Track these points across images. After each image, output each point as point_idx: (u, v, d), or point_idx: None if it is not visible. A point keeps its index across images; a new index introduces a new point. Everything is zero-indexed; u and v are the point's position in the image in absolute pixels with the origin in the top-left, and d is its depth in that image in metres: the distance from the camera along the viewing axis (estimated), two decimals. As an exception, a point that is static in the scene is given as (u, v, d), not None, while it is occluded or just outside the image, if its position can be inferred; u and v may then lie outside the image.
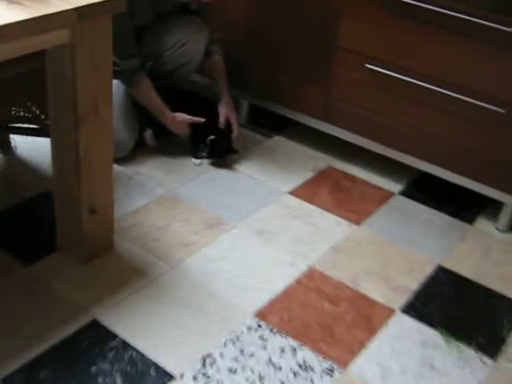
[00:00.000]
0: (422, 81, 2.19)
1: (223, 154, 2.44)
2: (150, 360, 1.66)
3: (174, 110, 2.40)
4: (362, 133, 2.44)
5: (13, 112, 2.02)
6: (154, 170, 2.41)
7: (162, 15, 2.37)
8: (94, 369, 1.62)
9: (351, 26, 2.29)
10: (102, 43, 1.69)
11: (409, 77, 2.21)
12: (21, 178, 2.33)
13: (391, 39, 2.21)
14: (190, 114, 2.41)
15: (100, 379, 1.60)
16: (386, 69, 2.25)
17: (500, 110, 2.05)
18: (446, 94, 2.14)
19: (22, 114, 2.05)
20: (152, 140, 2.55)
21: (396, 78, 2.24)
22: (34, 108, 2.00)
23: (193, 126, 2.43)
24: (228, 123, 2.47)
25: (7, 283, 1.85)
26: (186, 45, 2.40)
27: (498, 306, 1.93)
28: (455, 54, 2.10)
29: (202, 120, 2.41)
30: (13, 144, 2.42)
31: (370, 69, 2.28)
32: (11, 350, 1.63)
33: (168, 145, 2.57)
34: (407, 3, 2.11)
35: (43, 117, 1.96)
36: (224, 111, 2.46)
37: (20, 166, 2.37)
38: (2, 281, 1.85)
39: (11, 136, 2.39)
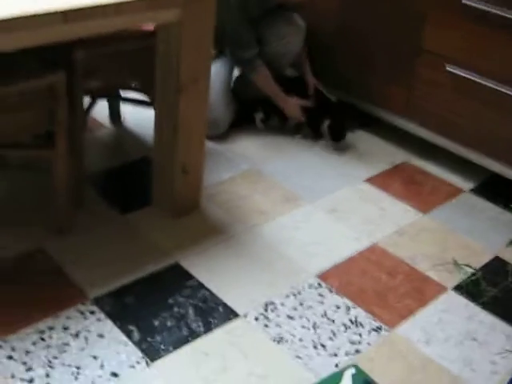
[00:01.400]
0: (498, 84, 2.33)
1: (341, 136, 2.67)
2: (220, 299, 1.89)
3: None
4: (440, 131, 2.59)
5: (126, 81, 2.32)
6: (244, 148, 2.66)
7: (267, 11, 2.63)
8: (171, 300, 1.87)
9: (435, 30, 2.46)
10: (205, 24, 1.95)
11: (485, 80, 2.35)
12: (125, 144, 2.64)
13: (470, 43, 2.36)
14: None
15: (175, 309, 1.85)
16: (464, 71, 2.40)
17: None
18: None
19: (133, 84, 2.34)
20: (260, 123, 2.79)
21: (473, 80, 2.38)
22: (142, 80, 2.30)
23: (307, 111, 2.68)
24: (335, 108, 2.69)
25: (106, 226, 2.14)
26: (287, 37, 2.65)
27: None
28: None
29: (311, 104, 2.64)
30: (122, 116, 2.73)
31: (450, 71, 2.44)
32: (104, 277, 1.91)
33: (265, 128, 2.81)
34: (486, 11, 2.27)
35: (149, 88, 2.26)
36: (311, 83, 2.71)
37: (125, 135, 2.69)
38: (102, 224, 2.14)
39: (121, 109, 2.71)
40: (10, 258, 1.95)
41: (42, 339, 1.71)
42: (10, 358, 1.65)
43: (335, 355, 1.76)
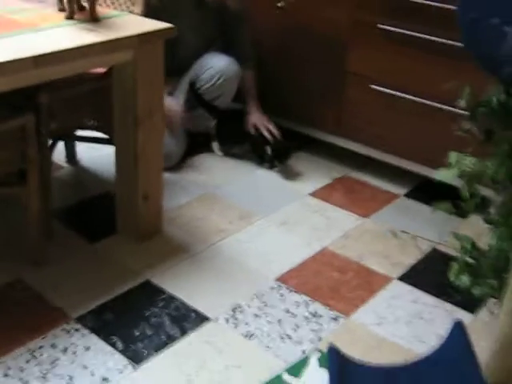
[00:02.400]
0: (416, 97, 2.62)
1: (284, 158, 2.93)
2: (191, 307, 2.09)
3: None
4: (371, 144, 2.87)
5: (83, 121, 2.52)
6: (197, 176, 2.88)
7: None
8: (146, 312, 2.06)
9: (357, 53, 2.76)
10: (156, 61, 2.18)
11: (405, 94, 2.65)
12: (84, 181, 2.82)
13: (388, 63, 2.66)
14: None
15: (151, 319, 2.03)
16: (386, 88, 2.69)
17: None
18: (434, 106, 2.57)
19: (90, 123, 2.54)
20: (219, 151, 3.03)
21: (395, 95, 2.68)
22: (98, 118, 2.50)
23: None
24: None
25: (78, 255, 2.31)
26: (222, 78, 2.90)
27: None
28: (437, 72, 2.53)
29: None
30: (77, 155, 2.92)
31: (374, 89, 2.73)
32: (83, 300, 2.08)
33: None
34: (400, 33, 2.58)
35: (106, 126, 2.46)
36: (252, 121, 2.94)
37: (82, 173, 2.87)
38: (74, 253, 2.32)
39: (76, 149, 2.90)
40: (-7, 289, 2.09)
41: (34, 357, 1.86)
42: (7, 375, 1.79)
43: (300, 343, 1.97)
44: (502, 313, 1.19)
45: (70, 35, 1.99)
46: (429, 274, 2.31)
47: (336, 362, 1.43)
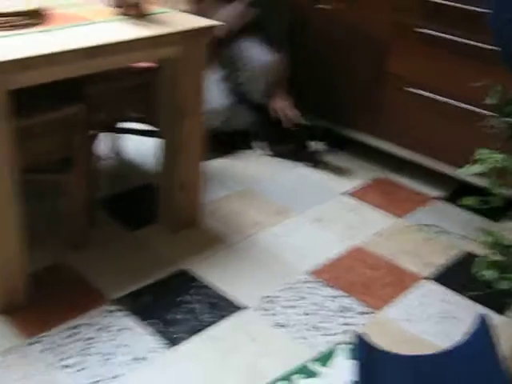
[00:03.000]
0: (452, 99, 2.65)
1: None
2: (224, 296, 2.15)
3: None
4: (409, 147, 2.90)
5: (128, 113, 2.61)
6: (236, 171, 2.95)
7: None
8: (181, 298, 2.13)
9: (395, 56, 2.80)
10: (200, 57, 2.26)
11: (441, 96, 2.67)
12: (127, 173, 2.92)
13: (425, 65, 2.70)
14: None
15: (186, 305, 2.11)
16: (423, 91, 2.73)
17: None
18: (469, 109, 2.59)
19: (135, 115, 2.63)
20: (261, 149, 3.12)
21: (431, 98, 2.71)
22: (143, 111, 2.59)
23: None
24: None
25: (118, 242, 2.40)
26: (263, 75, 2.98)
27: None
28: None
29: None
30: (121, 147, 3.02)
31: (410, 91, 2.76)
32: (122, 283, 2.17)
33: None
34: (435, 36, 2.61)
35: (149, 118, 2.55)
36: (274, 105, 3.02)
37: (126, 165, 2.97)
38: (114, 240, 2.41)
39: (120, 141, 3.00)
40: (38, 270, 2.19)
41: (74, 334, 1.95)
42: (48, 349, 1.89)
43: (329, 335, 2.02)
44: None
45: (119, 29, 2.08)
46: (460, 275, 2.33)
47: (363, 349, 1.48)
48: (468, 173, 1.53)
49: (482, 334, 1.47)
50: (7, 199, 1.90)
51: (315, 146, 2.99)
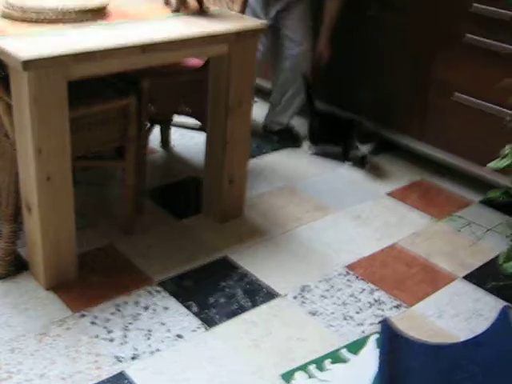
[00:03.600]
0: (496, 107, 2.70)
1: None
2: (263, 283, 2.26)
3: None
4: (451, 151, 2.96)
5: (179, 108, 2.74)
6: (279, 168, 3.05)
7: None
8: (222, 283, 2.24)
9: (442, 63, 2.86)
10: (249, 56, 2.37)
11: (485, 104, 2.72)
12: (175, 166, 3.05)
13: (471, 73, 2.75)
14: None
15: (226, 290, 2.21)
16: (468, 98, 2.78)
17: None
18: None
19: (185, 110, 2.76)
20: (309, 149, 3.24)
21: (476, 105, 2.76)
22: (193, 106, 2.72)
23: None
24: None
25: (164, 229, 2.53)
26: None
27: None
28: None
29: None
30: (171, 141, 3.16)
31: (456, 99, 2.82)
32: (166, 267, 2.29)
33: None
34: (483, 47, 2.66)
35: (199, 113, 2.67)
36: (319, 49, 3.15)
37: (174, 158, 3.10)
38: (160, 227, 2.54)
39: (171, 135, 3.14)
40: (88, 251, 2.33)
41: (119, 310, 2.08)
42: (93, 323, 2.02)
43: (361, 325, 2.10)
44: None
45: (173, 27, 2.21)
46: (493, 276, 2.38)
47: (387, 333, 1.56)
48: (496, 167, 1.59)
49: (504, 325, 1.54)
50: (64, 185, 2.04)
51: (362, 148, 3.06)
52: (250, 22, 2.34)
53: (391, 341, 1.55)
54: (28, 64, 1.79)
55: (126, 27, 2.14)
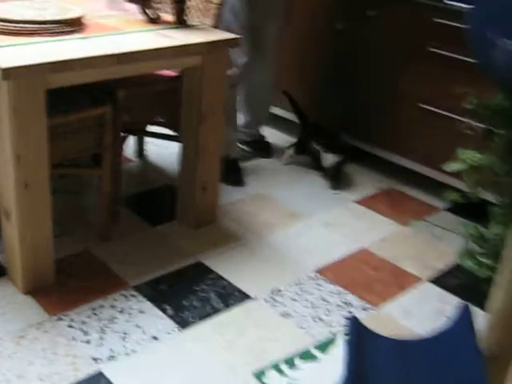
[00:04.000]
0: (460, 115, 2.81)
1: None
2: (236, 287, 2.33)
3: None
4: (418, 160, 3.07)
5: (154, 118, 2.82)
6: (251, 177, 3.13)
7: None
8: (196, 287, 2.31)
9: (408, 75, 2.98)
10: (221, 67, 2.45)
11: (449, 112, 2.84)
12: (150, 174, 3.12)
13: (435, 83, 2.86)
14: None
15: (200, 293, 2.28)
16: (432, 107, 2.90)
17: None
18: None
19: (159, 120, 2.83)
20: (289, 158, 3.31)
21: (440, 114, 2.88)
22: (167, 116, 2.79)
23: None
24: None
25: (139, 235, 2.59)
26: None
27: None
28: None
29: None
30: (145, 151, 3.22)
31: (422, 108, 2.94)
32: (141, 272, 2.35)
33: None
34: (449, 56, 2.78)
35: (173, 123, 2.75)
36: None
37: (149, 167, 3.17)
38: (136, 233, 2.60)
39: (145, 145, 3.20)
40: (65, 257, 2.38)
41: (95, 314, 2.14)
42: (70, 326, 2.07)
43: (331, 326, 2.18)
44: (495, 288, 1.38)
45: (148, 39, 2.28)
46: (458, 279, 2.48)
47: (355, 329, 1.64)
48: (449, 169, 1.69)
49: (463, 322, 1.63)
50: (41, 191, 2.10)
51: (332, 158, 3.15)
52: (220, 35, 2.43)
53: (358, 336, 1.63)
54: (7, 72, 1.85)
55: (102, 39, 2.21)
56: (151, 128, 3.00)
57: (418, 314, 2.28)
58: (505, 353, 1.42)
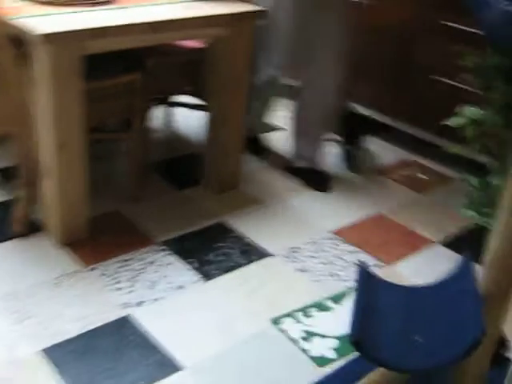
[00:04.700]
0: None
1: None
2: (257, 244, 2.48)
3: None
4: (437, 132, 3.18)
5: (181, 86, 2.97)
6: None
7: None
8: (220, 244, 2.46)
9: (422, 47, 3.09)
10: (246, 38, 2.58)
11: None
12: (177, 142, 3.28)
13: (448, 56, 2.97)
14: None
15: (223, 249, 2.44)
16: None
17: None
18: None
19: (186, 89, 2.99)
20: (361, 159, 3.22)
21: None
22: (194, 85, 2.94)
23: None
24: None
25: (166, 197, 2.76)
26: None
27: None
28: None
29: None
30: (173, 120, 3.38)
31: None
32: (168, 229, 2.51)
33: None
34: (460, 29, 2.88)
35: (199, 92, 2.90)
36: None
37: (177, 135, 3.33)
38: (163, 196, 2.76)
39: (173, 115, 3.36)
40: (98, 216, 2.55)
41: (126, 265, 2.30)
42: (103, 275, 2.24)
43: (345, 281, 2.33)
44: (492, 232, 1.51)
45: (179, 9, 2.42)
46: (468, 242, 2.60)
47: (363, 276, 1.77)
48: (451, 124, 1.81)
49: (465, 270, 1.76)
50: (78, 152, 2.26)
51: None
52: (247, 7, 2.56)
53: (366, 281, 1.77)
54: (48, 37, 2.01)
55: (136, 9, 2.36)
56: (180, 98, 3.15)
57: (429, 273, 2.41)
58: (501, 292, 1.55)
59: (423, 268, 2.43)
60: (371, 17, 3.30)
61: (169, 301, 2.14)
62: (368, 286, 1.77)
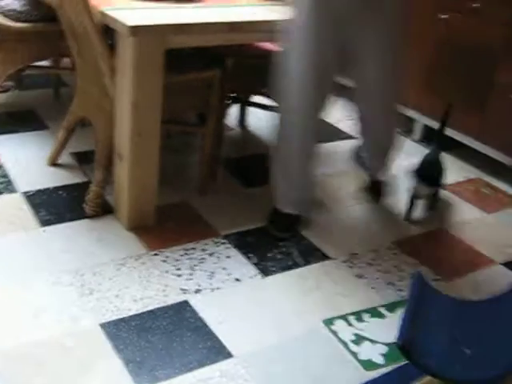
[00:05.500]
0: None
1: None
2: (317, 247, 2.52)
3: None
4: (508, 152, 3.14)
5: (256, 87, 3.04)
6: (341, 152, 3.30)
7: None
8: (280, 243, 2.51)
9: (504, 65, 3.05)
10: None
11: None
12: (250, 143, 3.34)
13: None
14: None
15: (283, 248, 2.48)
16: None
17: None
18: None
19: (262, 90, 3.06)
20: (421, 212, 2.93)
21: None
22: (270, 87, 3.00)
23: None
24: None
25: (234, 193, 2.83)
26: None
27: None
28: None
29: None
30: (247, 120, 3.45)
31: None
32: (232, 224, 2.59)
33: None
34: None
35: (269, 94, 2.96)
36: None
37: (249, 135, 3.40)
38: (230, 191, 2.84)
39: (247, 115, 3.44)
40: (165, 205, 2.65)
41: (187, 254, 2.38)
42: (165, 261, 2.33)
43: (402, 291, 2.33)
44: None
45: (260, 12, 2.50)
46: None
47: (418, 284, 1.79)
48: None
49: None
50: (152, 141, 2.36)
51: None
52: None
53: (421, 291, 1.78)
54: (134, 30, 2.11)
55: (218, 8, 2.45)
56: (255, 99, 3.22)
57: (487, 292, 2.39)
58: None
59: (481, 287, 2.42)
60: (451, 32, 3.29)
61: (225, 292, 2.21)
62: (422, 294, 1.79)
